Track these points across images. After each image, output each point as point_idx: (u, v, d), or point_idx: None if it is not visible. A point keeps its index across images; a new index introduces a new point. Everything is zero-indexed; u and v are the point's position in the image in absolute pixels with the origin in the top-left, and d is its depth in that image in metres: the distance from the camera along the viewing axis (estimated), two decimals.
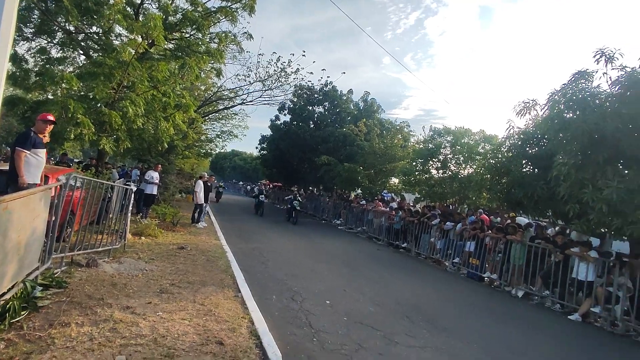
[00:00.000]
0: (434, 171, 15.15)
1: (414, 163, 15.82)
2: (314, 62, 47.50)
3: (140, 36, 8.62)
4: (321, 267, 8.22)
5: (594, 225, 6.81)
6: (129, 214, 7.16)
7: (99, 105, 8.35)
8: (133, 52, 8.28)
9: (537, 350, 5.00)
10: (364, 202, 17.32)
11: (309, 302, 5.55)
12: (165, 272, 5.93)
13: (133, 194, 7.41)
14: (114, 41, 9.52)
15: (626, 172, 6.88)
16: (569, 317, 6.84)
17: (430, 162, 15.17)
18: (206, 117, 18.72)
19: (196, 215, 11.95)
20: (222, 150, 32.88)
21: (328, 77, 31.70)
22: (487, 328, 5.66)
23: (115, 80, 8.09)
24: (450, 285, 8.52)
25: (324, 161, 20.91)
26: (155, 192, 11.33)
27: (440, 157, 14.83)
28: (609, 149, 6.84)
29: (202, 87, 17.98)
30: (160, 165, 12.15)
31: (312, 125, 26.77)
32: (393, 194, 18.89)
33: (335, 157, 21.55)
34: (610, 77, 7.24)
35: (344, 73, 37.07)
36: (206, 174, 14.11)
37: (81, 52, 9.76)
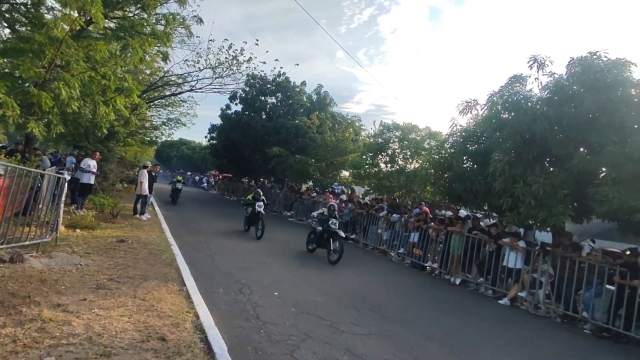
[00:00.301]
0: (382, 165, 15.62)
1: (364, 157, 16.20)
2: (267, 51, 46.59)
3: (75, 12, 7.91)
4: (270, 259, 8.19)
5: (523, 217, 7.43)
6: (62, 205, 6.62)
7: (26, 84, 7.56)
8: (67, 28, 7.57)
9: (470, 332, 5.39)
10: (315, 194, 17.46)
11: (257, 295, 5.52)
12: (103, 267, 5.58)
13: (67, 183, 6.85)
14: (45, 15, 8.64)
15: (551, 169, 7.59)
16: (499, 301, 7.45)
17: (380, 156, 15.62)
18: (151, 103, 17.70)
19: (139, 206, 11.34)
20: (168, 139, 31.33)
21: (281, 67, 31.27)
22: (428, 314, 6.00)
23: (46, 59, 7.35)
24: (395, 274, 8.89)
25: (275, 152, 20.73)
26: (92, 182, 10.57)
27: (389, 152, 15.32)
28: (538, 147, 7.49)
29: (147, 71, 16.93)
30: (98, 153, 11.33)
31: (264, 116, 26.33)
32: (343, 187, 19.24)
33: (287, 149, 21.43)
34: (541, 82, 7.92)
35: (298, 65, 37.08)
36: (150, 162, 13.39)
37: (5, 24, 8.75)
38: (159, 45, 10.37)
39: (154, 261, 6.38)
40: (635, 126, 6.57)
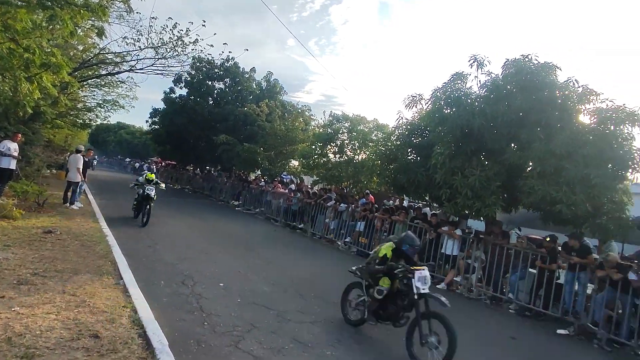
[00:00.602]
0: (331, 155, 15.81)
1: (314, 147, 16.26)
2: (214, 34, 44.15)
3: None
4: (216, 249, 7.98)
5: (460, 208, 7.90)
6: None
7: None
8: None
9: None
10: (263, 183, 17.24)
11: (201, 286, 5.35)
12: (26, 261, 5.07)
13: None
14: None
15: (486, 162, 8.13)
16: (437, 286, 7.89)
17: (329, 146, 15.78)
18: (84, 82, 16.24)
19: (69, 194, 10.43)
20: (104, 122, 29.05)
21: (230, 52, 29.94)
22: None
23: None
24: (341, 262, 9.06)
25: (222, 140, 20.09)
26: (12, 167, 9.48)
27: (338, 142, 15.53)
28: (475, 142, 7.98)
29: (80, 47, 15.46)
30: (20, 135, 10.20)
31: (211, 102, 25.33)
32: (292, 176, 19.20)
33: (235, 137, 20.85)
34: (479, 81, 8.41)
35: (247, 50, 35.74)
36: (83, 147, 12.32)
37: None
38: (93, 18, 9.47)
39: (86, 253, 5.92)
40: (559, 125, 7.24)
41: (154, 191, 9.48)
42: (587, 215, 6.69)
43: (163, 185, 10.24)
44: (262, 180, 18.45)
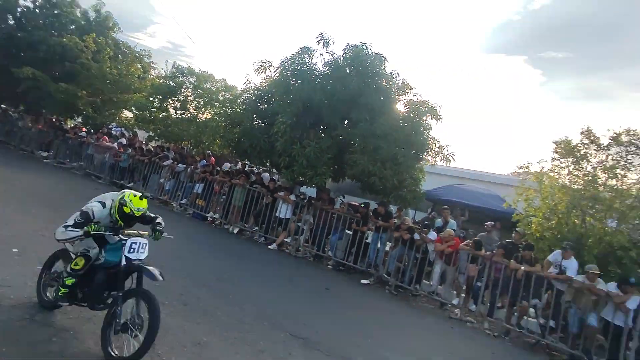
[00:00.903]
0: (172, 111, 14.55)
1: (152, 98, 14.61)
2: None
3: None
4: (10, 209, 6.48)
5: (296, 175, 8.52)
6: None
7: None
8: None
9: (239, 274, 5.98)
10: (84, 134, 14.63)
11: None
12: None
13: None
14: None
15: (322, 135, 8.90)
16: (269, 247, 8.45)
17: (170, 100, 14.45)
18: None
19: None
20: None
21: None
22: (203, 261, 6.21)
23: None
24: (174, 225, 8.58)
25: (28, 74, 15.95)
26: None
27: (181, 98, 14.37)
28: (314, 115, 8.62)
29: None
30: None
31: (12, 22, 19.57)
32: (124, 129, 16.94)
33: (47, 73, 16.80)
34: (324, 58, 9.00)
35: None
36: None
37: None
38: None
39: None
40: (381, 110, 8.45)
41: (146, 250, 3.64)
42: (393, 187, 8.15)
43: (161, 222, 4.17)
44: (83, 130, 15.64)
